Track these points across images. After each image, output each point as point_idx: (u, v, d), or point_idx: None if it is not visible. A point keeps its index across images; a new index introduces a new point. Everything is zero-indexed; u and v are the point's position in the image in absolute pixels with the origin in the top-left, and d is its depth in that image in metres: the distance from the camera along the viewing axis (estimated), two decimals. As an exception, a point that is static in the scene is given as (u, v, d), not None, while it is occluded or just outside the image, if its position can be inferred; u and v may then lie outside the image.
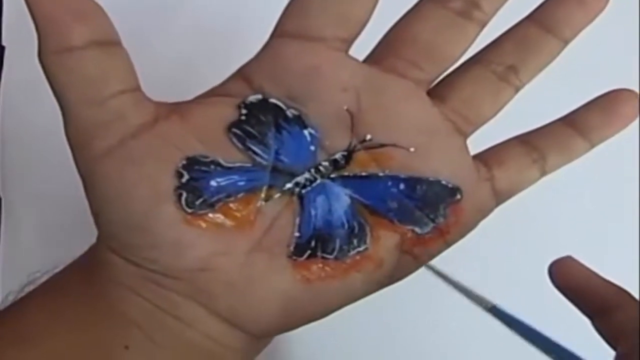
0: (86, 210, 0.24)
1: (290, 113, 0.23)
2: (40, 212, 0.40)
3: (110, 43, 0.22)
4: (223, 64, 0.25)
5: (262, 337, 0.25)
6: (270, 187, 0.23)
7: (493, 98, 0.25)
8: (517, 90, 0.25)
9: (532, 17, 0.25)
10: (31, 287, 0.25)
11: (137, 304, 0.23)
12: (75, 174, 0.23)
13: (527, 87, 0.26)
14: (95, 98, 0.22)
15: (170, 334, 0.23)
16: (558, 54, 0.25)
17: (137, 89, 0.23)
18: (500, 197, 0.26)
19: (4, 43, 0.38)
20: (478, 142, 0.26)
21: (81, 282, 0.24)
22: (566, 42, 0.25)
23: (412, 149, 0.24)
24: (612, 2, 0.25)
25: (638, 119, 0.26)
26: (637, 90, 0.26)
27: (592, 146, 0.26)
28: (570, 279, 0.25)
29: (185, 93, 0.25)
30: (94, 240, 0.24)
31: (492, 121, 0.26)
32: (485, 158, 0.26)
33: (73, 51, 0.21)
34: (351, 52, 0.24)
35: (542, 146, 0.26)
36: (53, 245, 0.25)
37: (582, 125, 0.26)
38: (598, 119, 0.25)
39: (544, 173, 0.26)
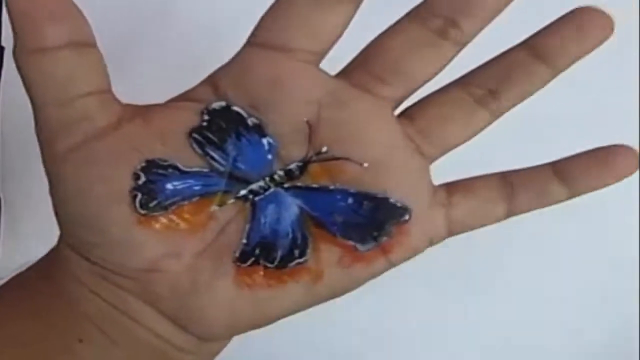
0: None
1: (250, 121, 0.24)
2: (40, 212, 0.40)
3: (84, 44, 0.22)
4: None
5: (209, 340, 0.25)
6: (225, 192, 0.24)
7: (465, 121, 0.25)
8: (494, 116, 0.25)
9: (525, 43, 0.24)
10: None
11: (91, 300, 0.24)
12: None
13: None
14: (62, 98, 0.22)
15: (122, 330, 0.24)
16: (547, 82, 0.24)
17: (107, 90, 0.23)
18: (454, 227, 0.25)
19: (3, 43, 0.38)
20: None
21: (41, 276, 0.25)
22: (558, 71, 0.24)
23: (365, 164, 0.24)
24: (612, 3, 0.24)
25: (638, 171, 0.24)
26: (638, 92, 0.25)
27: (571, 196, 0.25)
28: None
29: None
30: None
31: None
32: (452, 185, 0.25)
33: (46, 51, 0.22)
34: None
35: (516, 183, 0.25)
36: (53, 245, 0.25)
37: (568, 173, 0.25)
38: (587, 171, 0.24)
39: (509, 213, 0.25)
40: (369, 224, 0.24)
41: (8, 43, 0.39)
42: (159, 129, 0.23)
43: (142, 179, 0.23)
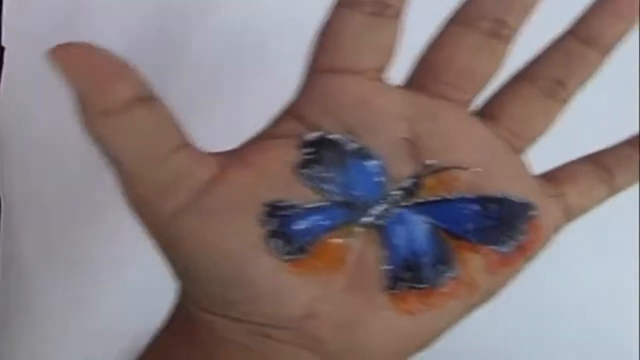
0: (85, 209, 0.24)
1: (351, 147, 0.24)
2: (40, 212, 0.40)
3: (151, 98, 0.22)
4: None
5: None
6: (350, 222, 0.24)
7: (544, 114, 0.26)
8: (565, 104, 0.26)
9: (571, 31, 0.25)
10: None
11: (249, 358, 0.23)
12: (74, 174, 0.23)
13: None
14: (155, 156, 0.22)
15: None
16: (601, 65, 0.25)
17: (191, 142, 0.23)
18: (571, 213, 0.26)
19: (3, 43, 0.38)
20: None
21: (183, 342, 0.24)
22: (607, 53, 0.25)
23: (477, 169, 0.24)
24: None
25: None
26: (638, 93, 0.26)
27: None
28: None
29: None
30: (93, 240, 0.24)
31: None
32: (553, 175, 0.26)
33: (121, 110, 0.21)
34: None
35: (610, 165, 0.26)
36: (53, 245, 0.25)
37: None
38: None
39: (612, 192, 0.26)
40: (501, 225, 0.24)
41: (8, 43, 0.40)
42: (262, 170, 0.23)
43: (273, 223, 0.22)
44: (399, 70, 0.25)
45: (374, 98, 0.24)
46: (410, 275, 0.23)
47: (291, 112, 0.24)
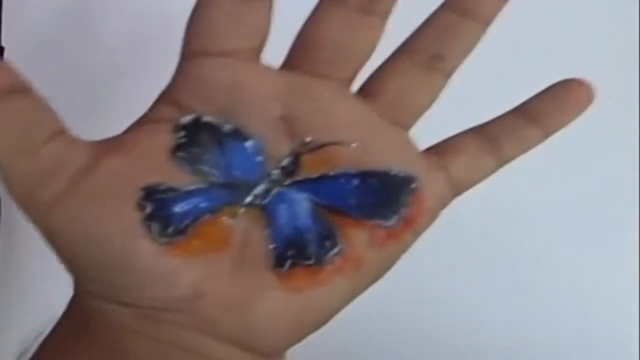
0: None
1: (226, 128, 0.24)
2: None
3: (23, 89, 0.22)
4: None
5: (274, 355, 0.24)
6: (231, 203, 0.24)
7: (425, 88, 0.25)
8: (447, 77, 0.26)
9: (448, 3, 0.25)
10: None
11: (142, 344, 0.23)
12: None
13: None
14: (29, 146, 0.22)
15: None
16: (481, 36, 0.25)
17: (66, 130, 0.23)
18: (457, 186, 0.26)
19: (3, 43, 0.38)
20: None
21: (77, 333, 0.24)
22: (486, 24, 0.25)
23: (354, 144, 0.24)
24: (613, 3, 0.25)
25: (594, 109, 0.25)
26: (637, 93, 0.26)
27: (547, 135, 0.26)
28: None
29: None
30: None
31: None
32: (438, 148, 0.26)
33: None
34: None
35: (496, 135, 0.26)
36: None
37: (535, 115, 0.26)
38: (551, 109, 0.26)
39: (500, 162, 0.26)
40: (383, 199, 0.24)
41: (8, 43, 0.40)
42: (139, 156, 0.23)
43: (149, 207, 0.22)
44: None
45: (247, 79, 0.24)
46: (295, 252, 0.24)
47: (166, 98, 0.24)
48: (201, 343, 0.23)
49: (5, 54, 0.39)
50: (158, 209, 0.23)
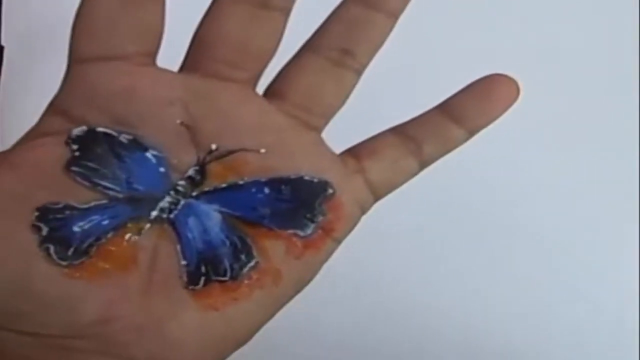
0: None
1: (124, 138, 0.22)
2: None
3: None
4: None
5: None
6: (136, 219, 0.22)
7: (335, 86, 0.24)
8: (358, 73, 0.24)
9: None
10: None
11: None
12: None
13: (532, 89, 0.25)
14: None
15: None
16: (390, 30, 0.24)
17: None
18: (377, 190, 0.25)
19: (3, 43, 0.38)
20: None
21: None
22: (395, 16, 0.24)
23: (262, 150, 0.23)
24: (613, 2, 0.24)
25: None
26: (637, 95, 0.25)
27: (470, 134, 0.25)
28: None
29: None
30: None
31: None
32: (355, 151, 0.25)
33: None
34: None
35: (417, 135, 0.25)
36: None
37: (458, 113, 0.24)
38: (474, 106, 0.24)
39: (422, 164, 0.25)
40: (298, 207, 0.23)
41: (8, 43, 0.40)
42: (31, 172, 0.21)
43: (45, 229, 0.21)
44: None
45: (141, 84, 0.22)
46: (209, 268, 0.22)
47: (55, 108, 0.22)
48: None
49: (5, 54, 0.39)
50: (56, 229, 0.21)
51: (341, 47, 0.24)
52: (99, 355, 0.21)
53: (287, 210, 0.23)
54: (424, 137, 0.24)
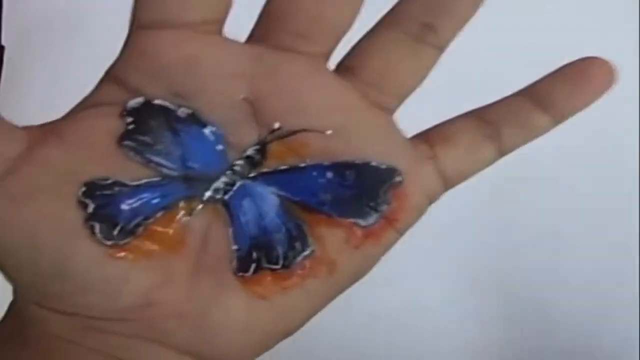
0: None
1: (182, 112, 0.21)
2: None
3: None
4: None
5: None
6: (188, 199, 0.21)
7: (412, 63, 0.22)
8: (440, 50, 0.22)
9: None
10: None
11: (84, 357, 0.20)
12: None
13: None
14: None
15: None
16: (478, 6, 0.22)
17: None
18: (449, 179, 0.23)
19: (3, 43, 0.38)
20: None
21: (14, 344, 0.21)
22: None
23: (328, 132, 0.22)
24: (613, 2, 0.24)
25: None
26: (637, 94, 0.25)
27: (557, 122, 0.23)
28: None
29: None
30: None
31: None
32: (428, 135, 0.23)
33: None
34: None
35: (496, 120, 0.23)
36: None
37: (544, 97, 0.22)
38: (564, 91, 0.22)
39: (500, 152, 0.23)
40: (361, 195, 0.22)
41: (8, 43, 0.40)
42: (81, 144, 0.20)
43: (91, 205, 0.20)
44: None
45: (205, 55, 0.21)
46: (261, 255, 0.21)
47: (112, 77, 0.21)
48: (150, 354, 0.20)
49: (5, 54, 0.39)
50: (102, 206, 0.20)
51: (422, 21, 0.22)
52: (138, 340, 0.20)
53: (349, 197, 0.22)
54: (503, 122, 0.23)
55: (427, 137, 0.23)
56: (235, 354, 0.21)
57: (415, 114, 0.23)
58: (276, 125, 0.21)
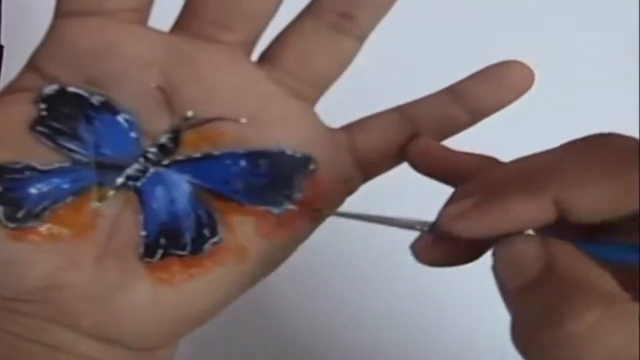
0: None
1: (95, 100, 0.21)
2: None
3: None
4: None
5: (146, 349, 0.22)
6: (100, 185, 0.21)
7: (330, 52, 0.23)
8: (360, 40, 0.23)
9: None
10: None
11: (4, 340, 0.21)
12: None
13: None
14: None
15: None
16: None
17: None
18: (368, 169, 0.23)
19: (3, 43, 0.38)
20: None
21: None
22: None
23: (243, 120, 0.22)
24: (613, 2, 0.24)
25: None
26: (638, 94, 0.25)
27: (474, 119, 0.23)
28: (427, 155, 0.22)
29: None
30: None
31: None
32: (350, 126, 0.23)
33: None
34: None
35: (415, 115, 0.23)
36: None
37: (464, 94, 0.23)
38: (484, 90, 0.23)
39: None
40: (275, 183, 0.22)
41: (8, 42, 0.39)
42: None
43: (0, 188, 0.20)
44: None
45: (121, 43, 0.21)
46: (168, 241, 0.21)
47: (31, 65, 0.22)
48: (61, 337, 0.21)
49: (5, 53, 0.39)
50: (10, 190, 0.20)
51: (341, 11, 0.22)
52: (48, 322, 0.21)
53: (262, 186, 0.22)
54: (423, 117, 0.23)
55: (347, 128, 0.23)
56: (141, 337, 0.21)
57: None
58: (189, 113, 0.22)
